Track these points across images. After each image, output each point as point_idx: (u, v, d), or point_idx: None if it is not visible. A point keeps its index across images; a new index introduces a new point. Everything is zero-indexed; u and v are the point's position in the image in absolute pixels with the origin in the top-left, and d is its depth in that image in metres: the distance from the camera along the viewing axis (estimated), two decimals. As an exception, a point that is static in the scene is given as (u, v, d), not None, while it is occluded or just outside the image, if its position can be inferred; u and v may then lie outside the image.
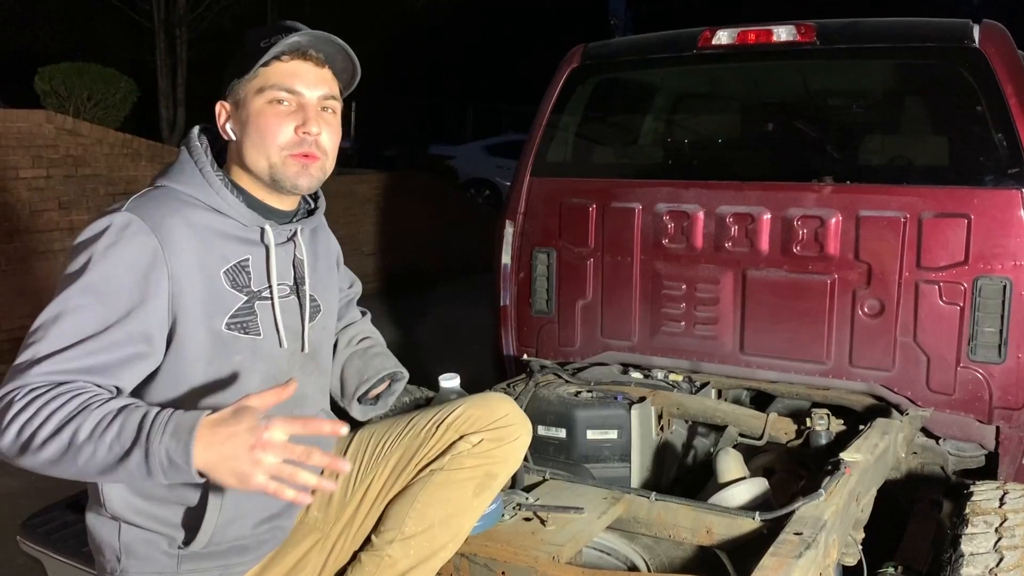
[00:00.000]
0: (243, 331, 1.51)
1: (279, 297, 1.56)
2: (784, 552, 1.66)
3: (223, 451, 1.22)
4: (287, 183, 1.53)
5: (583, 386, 2.81)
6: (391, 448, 1.71)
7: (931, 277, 2.72)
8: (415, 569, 1.61)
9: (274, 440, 1.22)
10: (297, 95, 1.51)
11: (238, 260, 1.52)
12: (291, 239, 1.61)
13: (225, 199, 1.51)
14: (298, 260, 1.61)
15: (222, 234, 1.50)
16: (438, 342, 6.59)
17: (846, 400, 2.86)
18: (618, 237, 3.20)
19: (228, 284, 1.50)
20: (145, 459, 1.24)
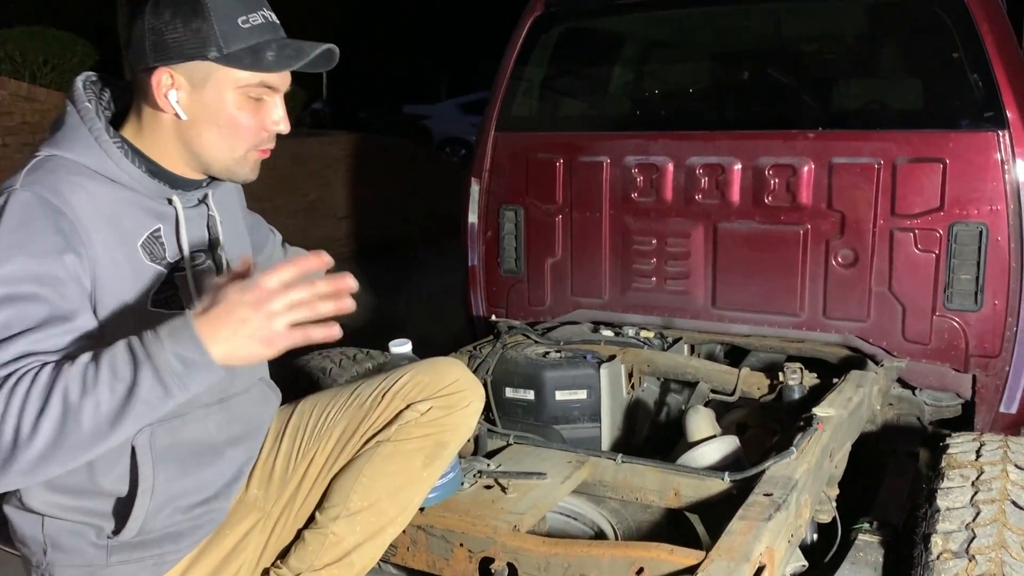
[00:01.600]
0: (167, 307, 1.40)
1: (193, 267, 1.45)
2: (753, 515, 1.59)
3: (231, 325, 1.17)
4: (240, 176, 1.44)
5: (552, 346, 2.74)
6: (334, 420, 1.62)
7: (906, 225, 2.65)
8: (363, 546, 1.53)
9: (272, 287, 1.17)
10: (275, 91, 1.41)
11: (151, 230, 1.40)
12: (202, 201, 1.49)
13: (127, 171, 1.36)
14: (212, 221, 1.50)
15: (128, 205, 1.37)
16: (413, 307, 6.49)
17: (821, 352, 2.81)
18: (586, 192, 3.11)
19: (147, 258, 1.38)
20: (156, 377, 1.15)
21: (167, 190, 1.41)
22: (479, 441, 2.11)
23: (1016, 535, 1.68)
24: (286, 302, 1.17)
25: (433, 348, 2.99)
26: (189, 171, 1.44)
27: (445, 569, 1.70)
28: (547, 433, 2.50)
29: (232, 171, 1.43)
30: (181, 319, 1.18)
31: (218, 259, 1.50)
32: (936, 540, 1.72)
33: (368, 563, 1.56)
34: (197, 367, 1.16)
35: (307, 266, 1.22)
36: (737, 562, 1.41)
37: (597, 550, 1.54)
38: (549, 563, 1.57)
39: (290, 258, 1.24)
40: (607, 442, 2.55)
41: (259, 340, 1.17)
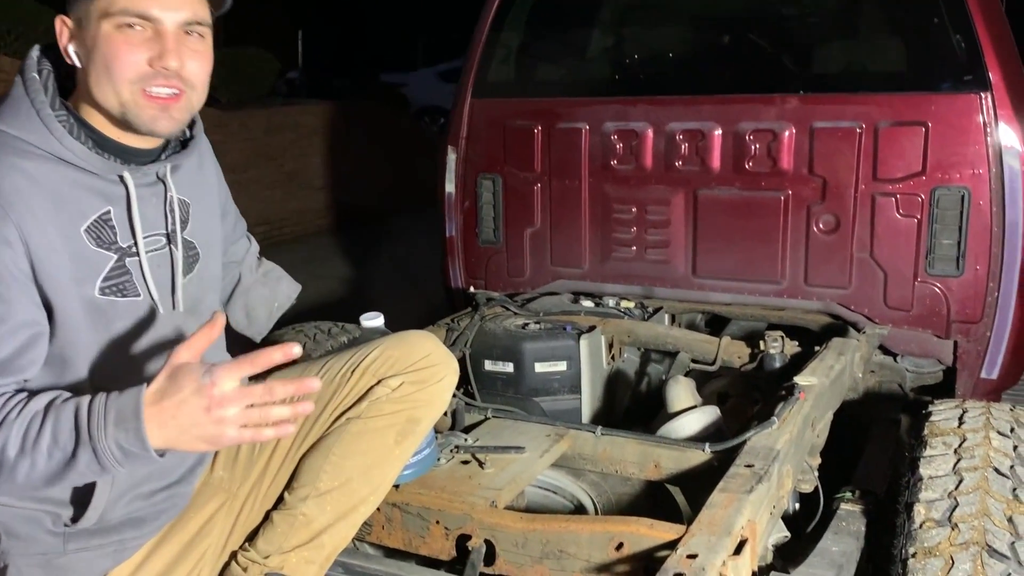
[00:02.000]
0: (120, 294, 1.32)
1: (149, 251, 1.36)
2: (734, 487, 1.56)
3: (179, 424, 1.14)
4: (142, 127, 1.30)
5: (531, 317, 2.69)
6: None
7: (887, 189, 2.62)
8: (334, 526, 1.48)
9: (227, 393, 1.13)
10: (152, 21, 1.26)
11: (98, 214, 1.30)
12: (161, 179, 1.40)
13: (70, 147, 1.26)
14: (172, 202, 1.41)
15: (74, 185, 1.28)
16: (391, 278, 6.43)
17: (802, 320, 2.78)
18: (565, 160, 3.06)
19: (93, 243, 1.29)
20: (94, 457, 1.14)
21: (117, 166, 1.31)
22: (456, 415, 2.07)
23: (999, 502, 1.66)
24: (239, 409, 1.14)
25: (412, 320, 2.95)
26: (127, 136, 1.34)
27: (421, 547, 1.66)
28: (527, 406, 2.46)
29: (130, 119, 1.29)
30: (132, 399, 1.14)
31: (178, 244, 1.41)
32: (919, 509, 1.70)
33: (339, 544, 1.51)
34: (136, 458, 1.15)
35: (269, 362, 1.17)
36: (718, 536, 1.39)
37: (576, 525, 1.51)
38: (527, 539, 1.54)
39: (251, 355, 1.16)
40: (587, 414, 2.52)
41: (206, 439, 1.16)
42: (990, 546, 1.58)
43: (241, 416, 1.14)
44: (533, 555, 1.53)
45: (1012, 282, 2.53)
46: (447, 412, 2.06)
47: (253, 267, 1.77)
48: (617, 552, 1.46)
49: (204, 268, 1.50)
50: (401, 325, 2.83)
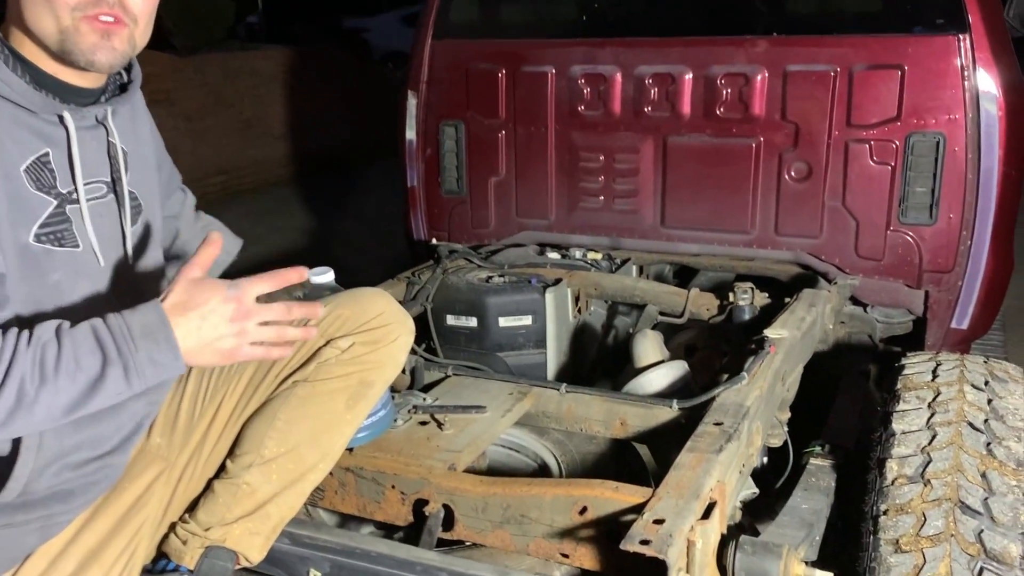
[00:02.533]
0: (57, 243, 1.22)
1: (90, 199, 1.26)
2: (703, 446, 1.49)
3: (202, 335, 1.14)
4: (80, 57, 1.20)
5: (495, 270, 2.61)
6: None
7: (861, 136, 2.54)
8: (280, 496, 1.39)
9: (252, 305, 1.16)
10: None
11: (37, 155, 1.20)
12: (101, 123, 1.29)
13: (6, 80, 1.17)
14: (113, 148, 1.31)
15: (11, 122, 1.18)
16: (355, 230, 6.29)
17: (771, 270, 2.73)
18: (531, 106, 2.95)
19: (32, 185, 1.19)
20: (125, 375, 1.11)
21: (56, 104, 1.22)
22: (415, 374, 1.98)
23: (972, 458, 1.62)
24: (262, 322, 1.16)
25: (377, 274, 2.84)
26: (65, 72, 1.24)
27: (376, 513, 1.58)
28: (491, 361, 2.39)
29: (68, 51, 1.19)
30: (154, 312, 1.13)
31: (120, 193, 1.32)
32: (891, 465, 1.66)
33: (287, 514, 1.42)
34: (166, 370, 1.14)
35: (286, 279, 1.20)
36: (686, 499, 1.32)
37: (537, 489, 1.44)
38: (487, 504, 1.46)
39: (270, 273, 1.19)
40: (553, 369, 2.46)
41: (222, 353, 1.16)
42: (963, 502, 1.54)
43: (259, 332, 1.16)
44: (493, 520, 1.46)
45: (985, 230, 2.48)
46: (405, 370, 1.98)
47: (191, 221, 1.68)
48: (581, 516, 1.39)
49: (147, 220, 1.40)
50: (366, 279, 2.72)
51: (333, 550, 1.40)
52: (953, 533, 1.50)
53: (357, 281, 1.69)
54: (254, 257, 4.90)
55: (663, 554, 1.18)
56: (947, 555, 1.48)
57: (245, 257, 1.78)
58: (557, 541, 1.41)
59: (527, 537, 1.44)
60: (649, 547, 1.18)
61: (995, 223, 2.47)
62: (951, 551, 1.48)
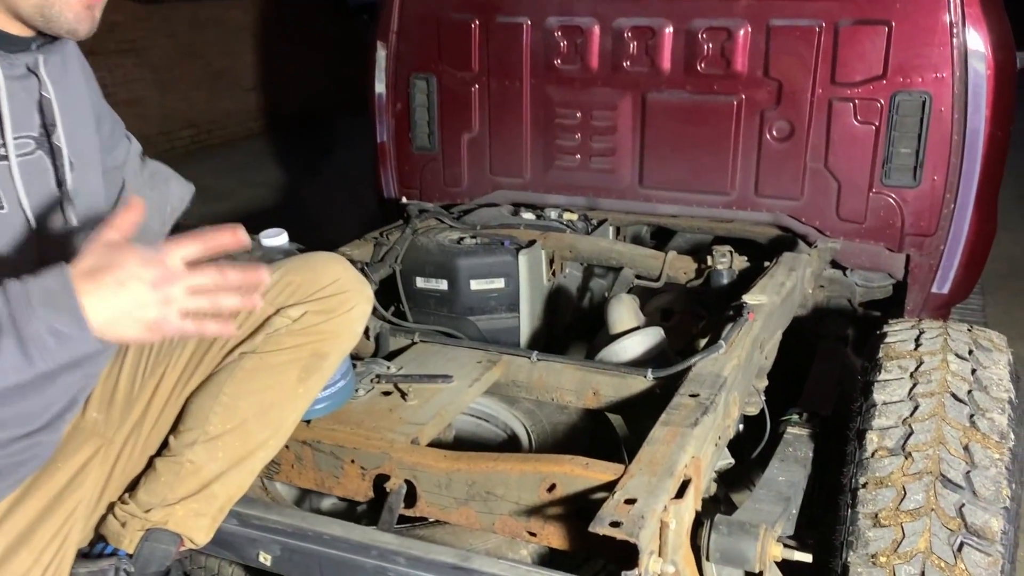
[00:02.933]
0: None
1: (18, 156, 1.15)
2: (678, 420, 1.43)
3: (119, 303, 0.97)
4: (63, 28, 1.12)
5: (467, 231, 2.52)
6: None
7: (846, 94, 2.46)
8: (226, 474, 1.31)
9: (177, 268, 0.99)
10: None
11: None
12: (32, 72, 1.18)
13: None
14: (45, 100, 1.20)
15: None
16: (327, 186, 6.15)
17: (750, 233, 2.66)
18: (505, 59, 2.84)
19: None
20: (21, 348, 0.94)
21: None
22: (380, 340, 1.90)
23: (955, 430, 1.57)
24: (189, 287, 0.99)
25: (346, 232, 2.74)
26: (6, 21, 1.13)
27: (335, 487, 1.50)
28: (462, 325, 2.31)
29: (49, 15, 1.11)
30: (57, 277, 0.96)
31: (56, 150, 1.21)
32: (871, 437, 1.60)
33: (234, 494, 1.34)
34: (72, 342, 0.97)
35: (219, 243, 1.03)
36: (659, 477, 1.25)
37: (504, 465, 1.36)
38: (451, 480, 1.39)
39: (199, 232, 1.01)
40: (526, 333, 2.39)
41: (146, 324, 0.99)
42: (944, 476, 1.49)
43: (187, 301, 1.00)
44: (458, 497, 1.39)
45: (969, 194, 2.42)
46: (369, 336, 1.89)
47: (137, 169, 1.52)
48: (549, 494, 1.33)
49: (81, 180, 1.28)
50: (336, 239, 2.61)
51: (284, 532, 1.33)
52: (934, 507, 1.45)
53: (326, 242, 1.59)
54: (222, 214, 4.77)
55: (634, 537, 1.11)
56: (927, 529, 1.44)
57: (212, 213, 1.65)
58: (524, 519, 1.35)
59: (493, 515, 1.37)
60: (620, 530, 1.12)
61: (979, 186, 2.41)
62: (931, 525, 1.44)
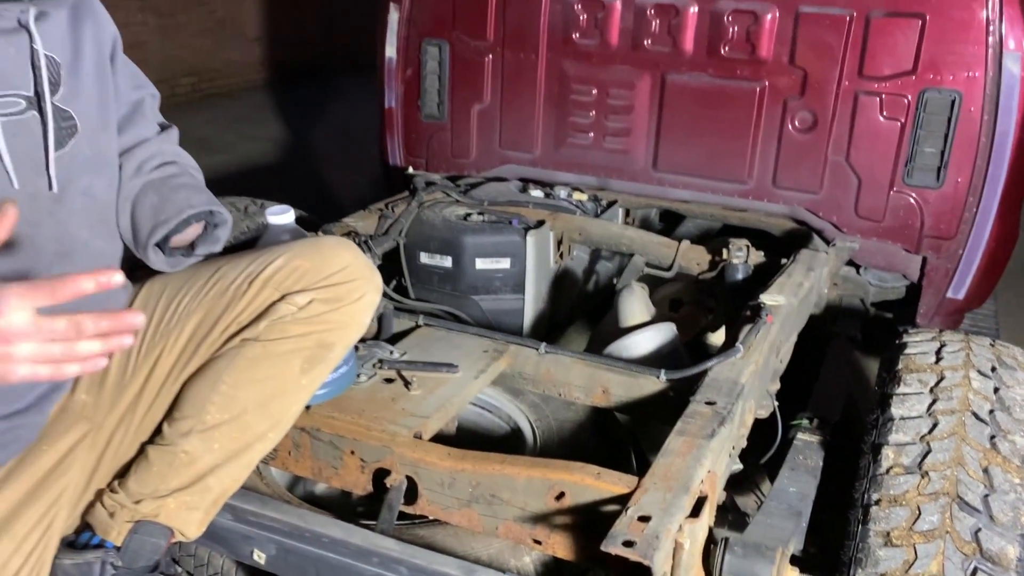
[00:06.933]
0: None
1: (5, 115, 1.08)
2: (694, 430, 1.37)
3: None
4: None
5: (474, 207, 2.44)
6: (188, 310, 1.29)
7: (873, 88, 2.38)
8: (222, 467, 1.25)
9: (16, 325, 0.89)
10: None
11: None
12: (24, 27, 1.10)
13: None
14: (38, 57, 1.12)
15: None
16: (329, 144, 6.03)
17: (764, 223, 2.59)
18: (521, 29, 2.75)
19: None
20: None
21: None
22: (383, 321, 1.83)
23: (975, 451, 1.51)
24: (35, 345, 0.90)
25: (347, 196, 2.66)
26: None
27: (333, 478, 1.44)
28: (464, 304, 2.25)
29: None
30: None
31: (44, 110, 1.13)
32: (887, 452, 1.55)
33: (230, 487, 1.28)
34: None
35: (73, 291, 0.91)
36: (675, 493, 1.20)
37: (512, 468, 1.30)
38: (455, 480, 1.33)
39: (53, 280, 0.90)
40: (530, 316, 2.32)
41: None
42: (961, 498, 1.44)
43: (37, 352, 0.91)
44: (461, 497, 1.34)
45: (993, 198, 2.35)
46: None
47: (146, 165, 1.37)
48: (557, 502, 1.27)
49: (84, 143, 1.20)
50: (338, 203, 2.53)
51: (281, 531, 1.27)
52: (949, 530, 1.41)
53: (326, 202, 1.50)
54: (221, 166, 4.64)
55: (648, 559, 1.06)
56: (940, 552, 1.39)
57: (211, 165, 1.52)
58: (530, 526, 1.29)
59: (497, 519, 1.32)
60: (633, 550, 1.07)
61: (1004, 191, 2.34)
62: (945, 548, 1.39)
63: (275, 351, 1.25)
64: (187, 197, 1.33)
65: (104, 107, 1.25)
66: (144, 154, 1.37)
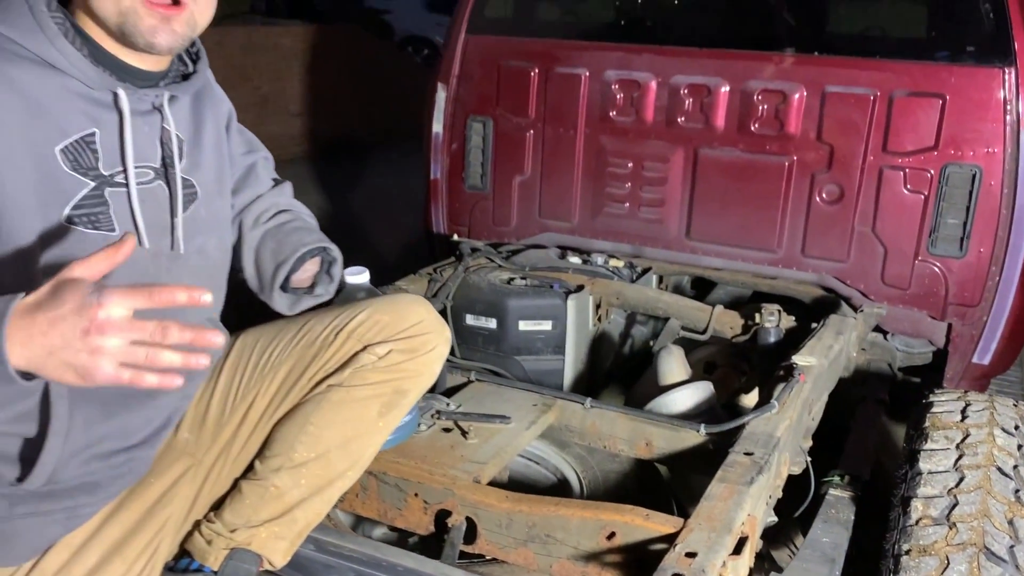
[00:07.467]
0: (91, 226, 1.19)
1: (138, 184, 1.23)
2: (734, 477, 1.47)
3: (48, 343, 0.93)
4: (140, 39, 1.18)
5: (517, 272, 2.58)
6: (280, 358, 1.43)
7: (897, 163, 2.51)
8: (307, 501, 1.37)
9: (113, 318, 0.93)
10: None
11: (81, 134, 1.18)
12: (157, 108, 1.27)
13: (62, 51, 1.16)
14: (167, 135, 1.28)
15: (60, 98, 1.16)
16: (368, 213, 6.25)
17: (793, 291, 2.70)
18: (561, 107, 2.92)
19: (68, 165, 1.16)
20: None
21: (112, 80, 1.20)
22: (439, 376, 1.95)
23: (1000, 503, 1.60)
24: (123, 341, 0.94)
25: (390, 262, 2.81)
26: (125, 52, 1.22)
27: (397, 519, 1.56)
28: (507, 364, 2.37)
29: (128, 33, 1.18)
30: (3, 305, 0.96)
31: (171, 179, 1.28)
32: (916, 505, 1.64)
33: (313, 520, 1.40)
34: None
35: (168, 299, 0.97)
36: (719, 533, 1.30)
37: (566, 510, 1.42)
38: (512, 520, 1.44)
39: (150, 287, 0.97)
40: (570, 376, 2.44)
41: (74, 370, 0.95)
42: (988, 549, 1.52)
43: (124, 351, 0.95)
44: (518, 537, 1.44)
45: (1015, 267, 2.46)
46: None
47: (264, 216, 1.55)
48: (608, 541, 1.38)
49: (201, 207, 1.36)
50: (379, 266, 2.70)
51: (359, 560, 1.38)
52: (977, 579, 1.48)
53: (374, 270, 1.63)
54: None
55: (696, 590, 1.16)
56: (969, 601, 1.47)
57: None
58: (582, 564, 1.40)
59: (551, 557, 1.42)
60: (682, 582, 1.17)
61: (1026, 261, 2.45)
62: (973, 598, 1.47)
63: (357, 396, 1.38)
64: (301, 238, 1.49)
65: (220, 175, 1.42)
66: (260, 207, 1.55)
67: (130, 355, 0.95)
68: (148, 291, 0.96)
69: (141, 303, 0.96)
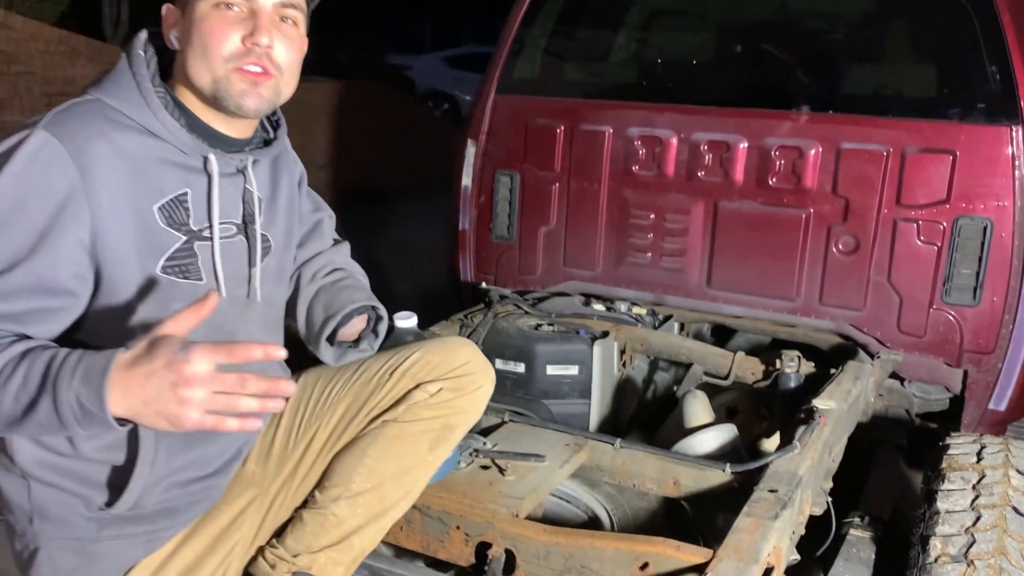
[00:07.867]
0: (182, 275, 1.32)
1: (221, 238, 1.37)
2: (760, 512, 1.56)
3: (143, 395, 1.07)
4: (230, 102, 1.32)
5: (544, 318, 2.68)
6: (338, 396, 1.55)
7: (910, 215, 2.61)
8: (363, 529, 1.48)
9: (198, 373, 1.06)
10: (249, 1, 1.30)
11: (175, 194, 1.32)
12: (241, 171, 1.41)
13: (163, 121, 1.30)
14: (248, 194, 1.42)
15: (158, 162, 1.30)
16: (393, 263, 6.39)
17: (811, 338, 2.78)
18: (586, 161, 3.04)
19: (163, 222, 1.30)
20: (54, 408, 1.10)
21: (204, 146, 1.35)
22: (478, 415, 2.05)
23: (1016, 542, 1.67)
24: (207, 393, 1.07)
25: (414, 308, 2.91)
26: (217, 120, 1.38)
27: (440, 551, 1.65)
28: (535, 407, 2.45)
29: (220, 97, 1.32)
30: (106, 358, 1.09)
31: (252, 236, 1.43)
32: (935, 543, 1.71)
33: (368, 547, 1.51)
34: (93, 417, 1.10)
35: (248, 356, 1.10)
36: (746, 563, 1.38)
37: (600, 542, 1.50)
38: (549, 552, 1.53)
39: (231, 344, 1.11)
40: (595, 420, 2.52)
41: (166, 418, 1.08)
42: (1005, 585, 1.59)
43: (208, 400, 1.07)
44: (555, 568, 1.53)
45: (1028, 315, 2.53)
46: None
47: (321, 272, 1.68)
48: (641, 572, 1.46)
49: (273, 260, 1.50)
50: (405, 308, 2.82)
51: (408, 585, 1.48)
52: (995, 615, 1.55)
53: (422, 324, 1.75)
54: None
55: (727, 615, 1.24)
56: (988, 636, 1.53)
57: None
58: (616, 594, 1.48)
59: (587, 587, 1.50)
60: (713, 607, 1.25)
61: (1038, 309, 2.53)
62: (992, 632, 1.53)
63: (410, 431, 1.49)
64: (351, 295, 1.61)
65: (290, 231, 1.56)
66: (319, 264, 1.68)
67: (214, 403, 1.08)
68: (229, 348, 1.10)
69: (222, 359, 1.09)
